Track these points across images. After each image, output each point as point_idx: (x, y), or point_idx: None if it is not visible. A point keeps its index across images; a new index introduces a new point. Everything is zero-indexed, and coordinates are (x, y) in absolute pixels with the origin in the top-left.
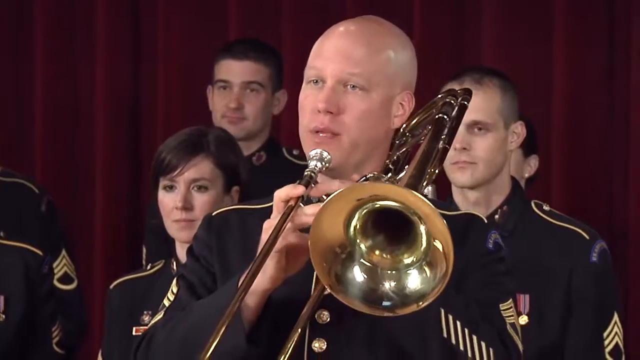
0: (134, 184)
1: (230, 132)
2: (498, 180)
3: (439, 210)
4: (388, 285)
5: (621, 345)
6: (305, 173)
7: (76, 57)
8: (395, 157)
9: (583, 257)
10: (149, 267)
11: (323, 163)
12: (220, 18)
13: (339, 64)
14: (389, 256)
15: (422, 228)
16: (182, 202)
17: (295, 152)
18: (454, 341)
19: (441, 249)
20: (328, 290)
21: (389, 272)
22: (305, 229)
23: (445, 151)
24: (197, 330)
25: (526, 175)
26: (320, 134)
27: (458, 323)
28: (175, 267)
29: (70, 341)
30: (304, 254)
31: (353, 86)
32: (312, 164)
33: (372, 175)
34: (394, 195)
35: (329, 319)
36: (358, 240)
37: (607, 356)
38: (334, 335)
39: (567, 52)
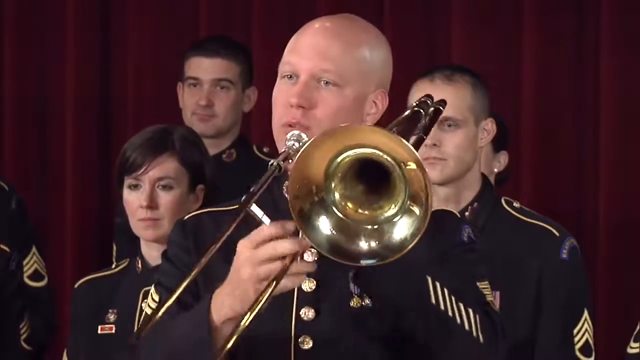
0: (105, 183)
1: (200, 129)
2: (468, 176)
3: None
4: (366, 243)
5: (591, 342)
6: (283, 150)
7: (46, 56)
8: None
9: (553, 254)
10: (113, 265)
11: (300, 144)
12: (190, 16)
13: (313, 60)
14: (366, 211)
15: (400, 172)
16: (147, 200)
17: (265, 149)
18: (442, 307)
19: (415, 170)
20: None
21: (369, 227)
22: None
23: (421, 140)
24: (170, 356)
25: (495, 170)
26: (292, 128)
27: (445, 290)
28: (140, 266)
29: (39, 338)
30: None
31: (326, 82)
32: (289, 143)
33: None
34: (370, 141)
35: (314, 316)
36: (333, 185)
37: (578, 353)
38: (320, 333)
39: (536, 49)
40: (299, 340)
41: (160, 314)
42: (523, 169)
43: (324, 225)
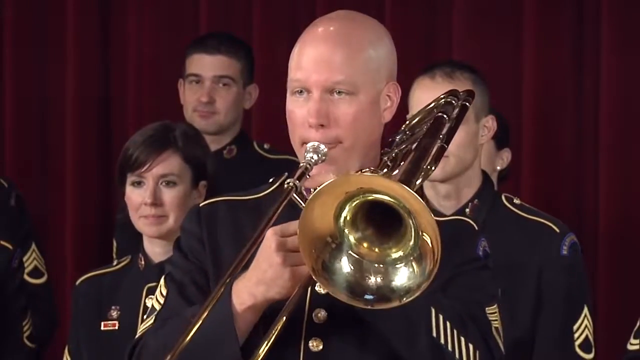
0: (105, 181)
1: (201, 126)
2: (469, 173)
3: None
4: (374, 279)
5: (591, 339)
6: (301, 164)
7: (46, 56)
8: (393, 154)
9: (553, 250)
10: (115, 262)
11: (319, 155)
12: (190, 13)
13: (322, 73)
14: (376, 249)
15: (411, 222)
16: (151, 198)
17: (266, 146)
18: (442, 341)
19: (429, 243)
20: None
21: (376, 265)
22: None
23: (442, 150)
24: (192, 345)
25: (498, 167)
26: None
27: (448, 324)
28: (142, 263)
29: (40, 335)
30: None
31: (339, 92)
32: (308, 155)
33: (367, 170)
34: (383, 188)
35: (325, 319)
36: (347, 232)
37: (577, 349)
38: (330, 336)
39: (536, 45)
40: (309, 342)
41: (180, 345)
42: (523, 167)
43: (344, 265)
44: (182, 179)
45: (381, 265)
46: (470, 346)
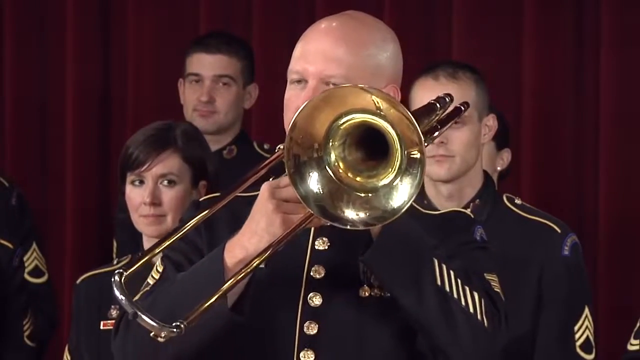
0: (104, 179)
1: (201, 125)
2: (471, 173)
3: (426, 211)
4: (354, 212)
5: (592, 339)
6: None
7: (46, 53)
8: None
9: (554, 250)
10: (115, 261)
11: None
12: (190, 12)
13: (320, 65)
14: (358, 178)
15: (396, 137)
16: (151, 197)
17: (266, 146)
18: (447, 289)
19: (417, 154)
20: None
21: (358, 194)
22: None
23: (434, 129)
24: (182, 297)
25: (499, 168)
26: None
27: (451, 273)
28: None
29: (41, 334)
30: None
31: (334, 84)
32: None
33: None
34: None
35: (320, 303)
36: (331, 146)
37: (578, 350)
38: (326, 319)
39: (536, 45)
40: (304, 325)
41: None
42: (523, 167)
43: (314, 181)
44: (182, 179)
45: (367, 194)
46: (475, 294)
